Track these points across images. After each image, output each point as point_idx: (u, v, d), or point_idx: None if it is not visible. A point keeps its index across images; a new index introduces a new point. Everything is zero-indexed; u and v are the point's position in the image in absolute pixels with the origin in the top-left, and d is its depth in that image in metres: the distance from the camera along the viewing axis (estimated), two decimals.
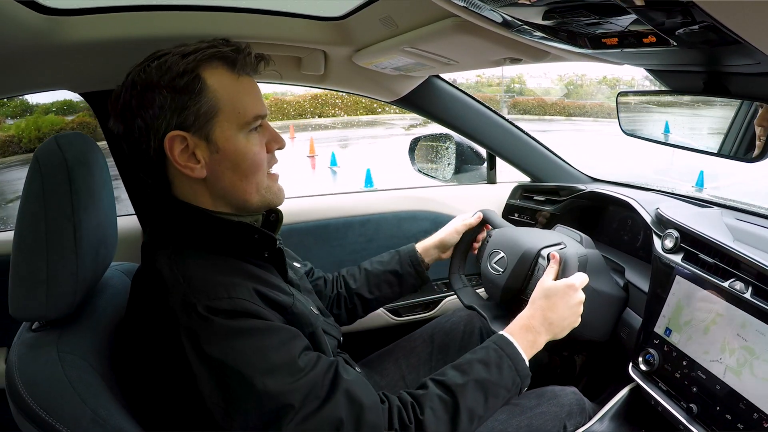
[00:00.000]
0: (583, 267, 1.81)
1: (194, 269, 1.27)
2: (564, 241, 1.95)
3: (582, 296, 1.69)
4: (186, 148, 1.34)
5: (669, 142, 1.79)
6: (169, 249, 1.33)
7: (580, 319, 1.68)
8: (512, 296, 1.97)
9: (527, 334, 1.60)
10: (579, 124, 34.71)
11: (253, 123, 1.40)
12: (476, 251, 2.22)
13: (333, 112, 37.88)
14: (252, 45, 1.43)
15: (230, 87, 1.37)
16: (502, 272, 1.95)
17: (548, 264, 1.79)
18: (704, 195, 2.34)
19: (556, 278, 1.74)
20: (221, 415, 1.16)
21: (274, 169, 1.52)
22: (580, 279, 1.71)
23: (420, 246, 2.22)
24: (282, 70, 2.41)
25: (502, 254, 1.98)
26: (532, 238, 1.99)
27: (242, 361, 1.17)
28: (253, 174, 1.41)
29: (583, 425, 1.87)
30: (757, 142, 1.46)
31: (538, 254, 1.90)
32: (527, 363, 1.55)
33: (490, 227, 2.17)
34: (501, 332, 1.61)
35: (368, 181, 15.24)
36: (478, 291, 2.20)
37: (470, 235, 2.22)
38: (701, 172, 14.94)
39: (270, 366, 1.19)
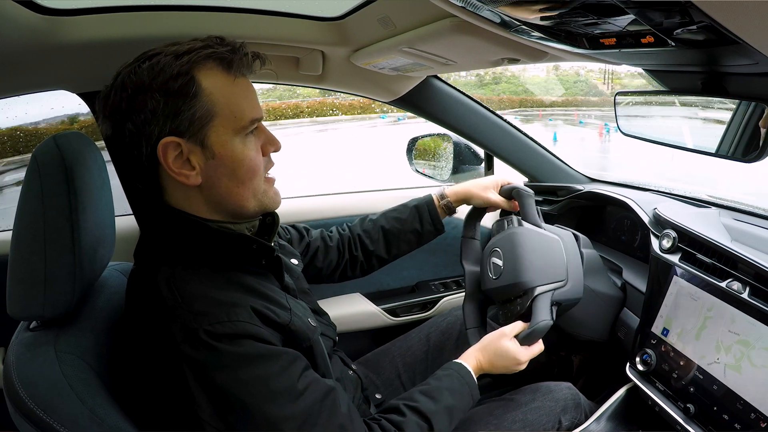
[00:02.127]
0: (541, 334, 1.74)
1: (192, 286, 1.25)
2: (543, 315, 1.75)
3: (513, 346, 1.70)
4: (180, 154, 1.29)
5: (667, 142, 1.79)
6: (164, 262, 1.30)
7: (522, 360, 1.69)
8: (485, 300, 2.01)
9: (477, 368, 1.70)
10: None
11: (250, 127, 1.35)
12: (492, 208, 2.15)
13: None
14: (249, 45, 1.38)
15: (226, 90, 1.31)
16: (495, 279, 1.92)
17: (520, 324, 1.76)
18: (702, 195, 2.33)
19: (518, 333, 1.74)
20: None
21: (271, 173, 1.48)
22: (514, 328, 1.74)
23: (449, 190, 2.17)
24: (280, 71, 2.41)
25: (501, 264, 1.90)
26: (535, 266, 1.81)
27: (244, 391, 1.17)
28: (250, 180, 1.37)
29: (577, 420, 1.88)
30: (761, 143, 1.47)
31: (526, 293, 1.79)
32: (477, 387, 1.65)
33: (518, 201, 2.00)
34: (460, 362, 1.69)
35: None
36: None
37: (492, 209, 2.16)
38: None
39: (271, 393, 1.19)
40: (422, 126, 3.05)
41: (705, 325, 1.65)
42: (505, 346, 1.68)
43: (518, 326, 1.74)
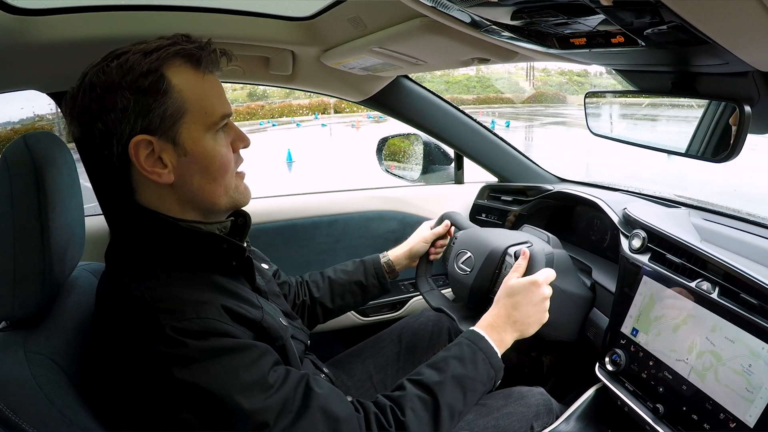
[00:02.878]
0: (550, 264, 1.81)
1: (161, 286, 1.23)
2: (531, 240, 1.95)
3: (548, 292, 1.68)
4: (152, 152, 1.27)
5: (637, 142, 1.80)
6: (134, 262, 1.29)
7: (547, 315, 1.67)
8: (480, 296, 1.97)
9: (493, 332, 1.59)
10: None
11: (221, 123, 1.34)
12: (434, 256, 2.23)
13: None
14: (219, 45, 1.38)
15: (196, 86, 1.30)
16: (470, 272, 1.94)
17: (515, 262, 1.79)
18: (672, 195, 2.35)
19: (523, 275, 1.73)
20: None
21: (240, 168, 1.47)
22: (545, 275, 1.70)
23: (391, 254, 2.21)
24: (250, 70, 2.40)
25: (468, 254, 1.98)
26: (499, 237, 2.00)
27: (214, 383, 1.14)
28: (222, 176, 1.36)
29: (550, 425, 1.87)
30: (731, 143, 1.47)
31: (505, 252, 1.91)
32: (499, 356, 1.55)
33: (454, 230, 2.17)
34: (472, 328, 1.61)
35: None
36: (444, 292, 2.20)
37: (438, 239, 2.22)
38: None
39: (242, 385, 1.16)
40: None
41: (685, 321, 1.65)
42: (515, 284, 1.68)
43: (517, 267, 1.76)
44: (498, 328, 1.61)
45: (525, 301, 1.64)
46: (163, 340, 1.14)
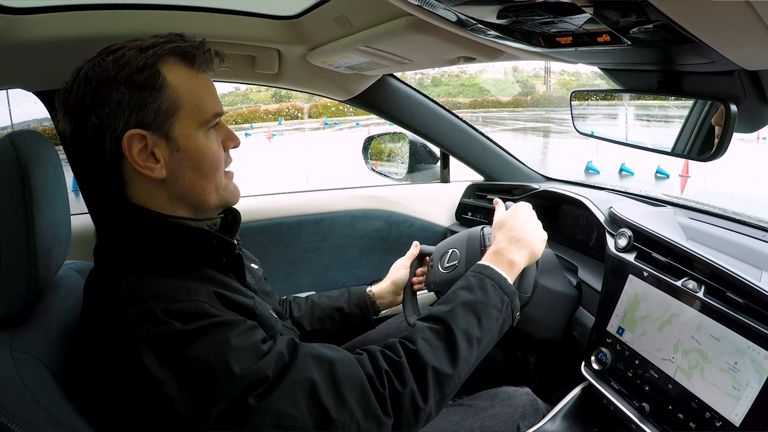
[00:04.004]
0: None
1: (151, 279, 1.23)
2: None
3: (531, 212, 1.69)
4: (145, 147, 1.27)
5: (623, 141, 1.80)
6: (124, 258, 1.28)
7: (544, 232, 1.68)
8: None
9: (500, 257, 1.58)
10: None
11: (213, 120, 1.36)
12: (418, 286, 2.17)
13: None
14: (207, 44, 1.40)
15: (190, 84, 1.32)
16: (458, 263, 1.93)
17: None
18: (658, 194, 2.36)
19: None
20: (192, 412, 1.12)
21: (230, 167, 1.48)
22: (522, 204, 1.72)
23: (375, 288, 2.17)
24: (236, 69, 2.40)
25: (451, 250, 1.96)
26: (471, 227, 2.00)
27: (204, 353, 1.14)
28: (213, 173, 1.37)
29: (536, 425, 1.87)
30: (716, 141, 1.47)
31: (482, 229, 1.90)
32: (510, 281, 1.53)
33: (429, 258, 2.13)
34: (477, 262, 1.60)
35: None
36: (422, 294, 2.19)
37: (416, 266, 2.17)
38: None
39: (233, 351, 1.16)
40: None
41: (670, 320, 1.65)
42: (500, 216, 1.70)
43: (498, 210, 1.76)
44: (503, 252, 1.59)
45: (516, 222, 1.65)
46: (154, 322, 1.14)
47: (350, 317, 2.10)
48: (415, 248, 2.17)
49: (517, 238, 1.61)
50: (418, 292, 2.10)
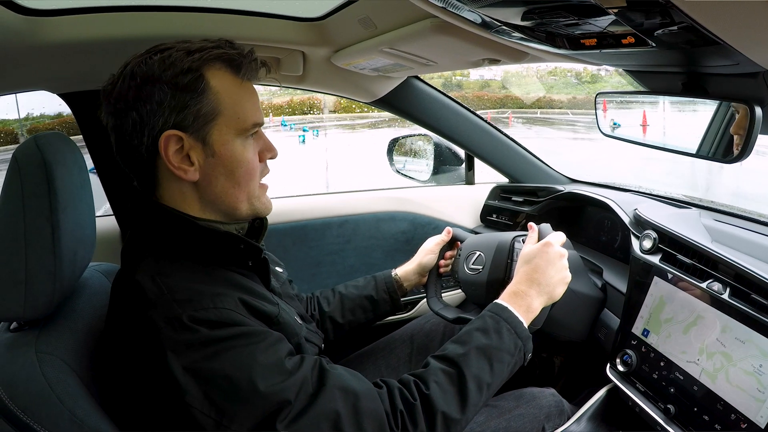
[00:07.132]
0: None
1: (178, 280, 1.24)
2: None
3: (563, 251, 1.68)
4: (181, 148, 1.30)
5: (647, 142, 1.79)
6: (151, 258, 1.29)
7: (569, 274, 1.67)
8: (496, 290, 1.96)
9: (519, 299, 1.58)
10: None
11: (251, 130, 1.37)
12: (444, 269, 2.21)
13: None
14: None
15: (233, 91, 1.34)
16: (482, 269, 1.94)
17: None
18: (682, 196, 2.35)
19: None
20: (213, 425, 1.13)
21: (265, 180, 1.49)
22: (556, 237, 1.71)
23: (400, 271, 2.20)
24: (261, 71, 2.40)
25: (478, 253, 1.99)
26: (505, 233, 2.01)
27: (230, 367, 1.15)
28: (246, 182, 1.38)
29: (561, 426, 1.86)
30: (735, 150, 1.47)
31: (513, 241, 1.91)
32: (526, 326, 1.54)
33: (460, 244, 2.17)
34: (494, 301, 1.60)
35: None
36: (447, 295, 2.20)
37: (446, 249, 2.22)
38: None
39: (258, 368, 1.16)
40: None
41: (695, 323, 1.64)
42: (529, 250, 1.69)
43: (528, 239, 1.76)
44: (522, 295, 1.59)
45: (543, 262, 1.64)
46: (178, 330, 1.15)
47: (379, 303, 2.13)
48: (447, 235, 2.20)
49: (539, 282, 1.62)
50: (443, 276, 2.19)
